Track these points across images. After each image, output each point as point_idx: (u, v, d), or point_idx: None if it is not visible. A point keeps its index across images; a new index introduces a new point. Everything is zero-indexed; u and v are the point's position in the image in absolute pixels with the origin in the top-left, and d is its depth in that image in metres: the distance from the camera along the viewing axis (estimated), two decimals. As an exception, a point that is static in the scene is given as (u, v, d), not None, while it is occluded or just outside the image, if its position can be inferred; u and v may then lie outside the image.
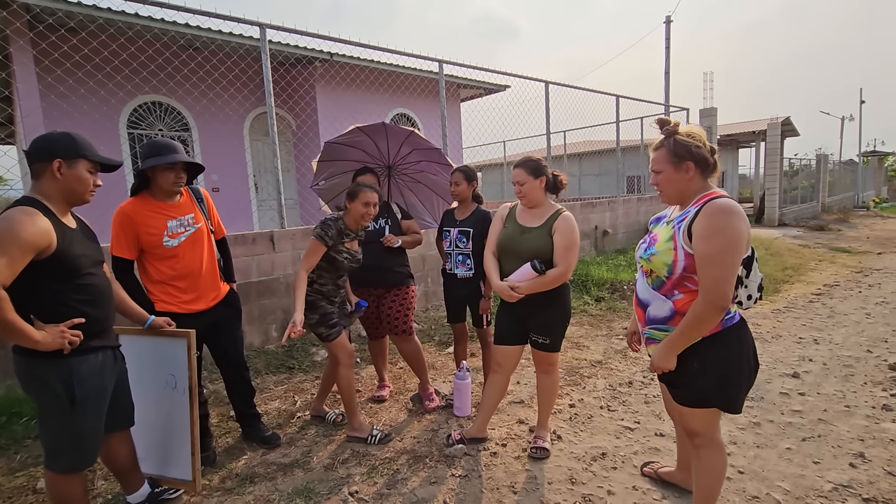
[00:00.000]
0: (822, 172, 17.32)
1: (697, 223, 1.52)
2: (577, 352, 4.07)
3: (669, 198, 1.69)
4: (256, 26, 4.03)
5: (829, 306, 5.35)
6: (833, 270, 7.39)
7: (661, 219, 1.76)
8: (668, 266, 1.58)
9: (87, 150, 1.73)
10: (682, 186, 1.63)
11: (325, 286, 2.60)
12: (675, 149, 1.61)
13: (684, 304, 1.59)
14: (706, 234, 1.49)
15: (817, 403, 3.01)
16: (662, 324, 1.65)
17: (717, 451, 1.75)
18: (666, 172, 1.63)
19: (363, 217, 2.56)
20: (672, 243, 1.57)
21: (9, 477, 2.40)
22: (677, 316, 1.61)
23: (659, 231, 1.69)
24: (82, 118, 5.74)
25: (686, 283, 1.57)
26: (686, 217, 1.57)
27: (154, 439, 2.29)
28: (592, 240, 7.76)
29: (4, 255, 1.50)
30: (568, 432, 2.74)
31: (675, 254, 1.56)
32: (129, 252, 2.21)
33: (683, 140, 1.60)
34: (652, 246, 1.65)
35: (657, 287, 1.65)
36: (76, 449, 1.72)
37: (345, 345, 2.62)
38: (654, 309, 1.67)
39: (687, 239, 1.54)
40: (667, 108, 10.07)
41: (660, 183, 1.67)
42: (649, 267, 1.64)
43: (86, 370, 1.70)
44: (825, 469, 2.33)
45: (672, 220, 1.65)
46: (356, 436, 2.67)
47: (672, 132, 1.64)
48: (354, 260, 2.65)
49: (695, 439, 1.74)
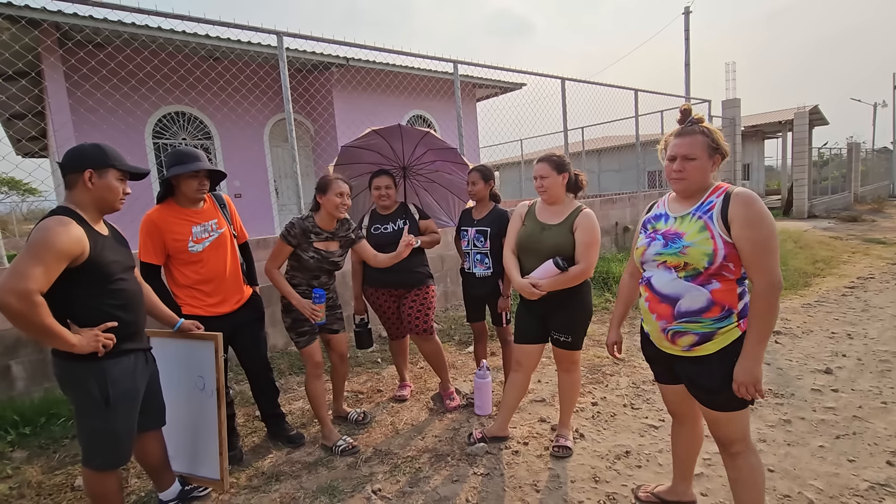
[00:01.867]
0: (853, 161, 16.71)
1: (735, 211, 1.51)
2: (598, 350, 4.02)
3: (689, 187, 1.63)
4: (274, 34, 4.11)
5: (863, 300, 5.16)
6: (867, 262, 7.12)
7: (661, 216, 1.71)
8: (708, 256, 1.53)
9: (116, 160, 1.80)
10: (706, 177, 1.62)
11: (298, 286, 2.58)
12: (711, 139, 1.60)
13: (722, 294, 1.55)
14: (751, 222, 1.49)
15: (852, 400, 2.91)
16: (697, 315, 1.58)
17: (755, 456, 1.67)
18: (701, 160, 1.59)
19: (338, 208, 2.51)
20: (708, 233, 1.54)
21: (48, 475, 2.50)
22: (715, 306, 1.55)
23: (676, 226, 1.63)
24: (110, 130, 5.95)
25: (723, 272, 1.54)
26: (713, 206, 1.56)
27: (183, 439, 2.36)
28: (613, 236, 7.66)
29: (41, 264, 1.56)
30: (591, 431, 2.71)
31: (715, 243, 1.53)
32: (157, 257, 2.29)
33: (714, 133, 1.62)
34: (679, 240, 1.59)
35: (691, 279, 1.58)
36: (111, 447, 1.79)
37: (312, 355, 2.59)
38: (687, 301, 1.58)
39: (723, 227, 1.53)
40: (688, 101, 9.86)
41: (688, 169, 1.60)
42: (682, 260, 1.58)
43: (119, 372, 1.77)
44: (861, 467, 2.25)
45: (689, 212, 1.61)
46: (324, 444, 2.65)
47: (699, 121, 1.64)
48: (326, 261, 2.58)
49: (732, 447, 1.65)
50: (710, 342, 1.58)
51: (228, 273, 2.44)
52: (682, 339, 1.62)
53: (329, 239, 2.61)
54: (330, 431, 2.65)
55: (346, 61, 7.57)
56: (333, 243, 2.63)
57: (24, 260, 1.55)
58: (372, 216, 3.05)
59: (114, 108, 5.98)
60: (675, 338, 1.64)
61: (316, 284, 2.62)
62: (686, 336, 1.60)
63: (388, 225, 2.96)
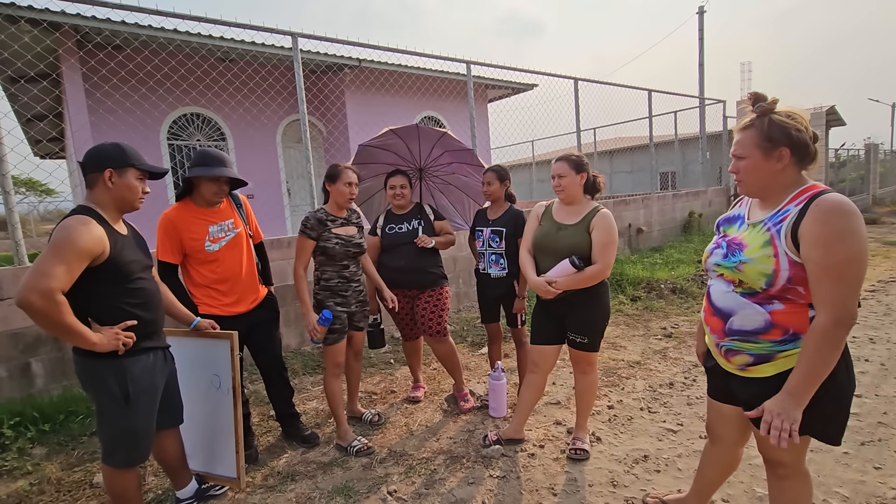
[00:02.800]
0: (872, 163, 16.38)
1: (808, 226, 1.24)
2: (613, 352, 3.97)
3: (751, 189, 1.41)
4: (289, 36, 4.13)
5: (884, 303, 5.05)
6: (888, 266, 6.97)
7: (737, 218, 1.49)
8: (767, 277, 1.31)
9: (136, 159, 1.82)
10: (769, 178, 1.35)
11: (330, 280, 2.61)
12: (769, 131, 1.32)
13: (786, 316, 1.31)
14: (824, 241, 1.21)
15: (876, 406, 2.84)
16: (753, 335, 1.37)
17: (803, 482, 1.49)
18: (752, 158, 1.35)
19: (347, 198, 2.57)
20: (771, 249, 1.30)
21: (67, 472, 2.53)
22: (775, 329, 1.33)
23: (744, 234, 1.41)
24: (128, 130, 6.03)
25: (789, 295, 1.30)
26: (786, 217, 1.30)
27: (200, 437, 2.37)
28: (626, 238, 7.59)
29: (63, 263, 1.58)
30: (607, 434, 2.68)
31: (777, 262, 1.29)
32: (174, 256, 2.30)
33: (781, 121, 1.31)
34: (739, 252, 1.37)
35: (748, 296, 1.37)
36: (131, 445, 1.80)
37: (335, 354, 2.60)
38: (740, 319, 1.38)
39: (791, 244, 1.27)
40: (702, 101, 9.75)
41: (741, 170, 1.39)
42: (737, 277, 1.37)
43: (138, 370, 1.78)
44: (887, 475, 2.19)
45: (761, 221, 1.37)
46: (339, 444, 2.64)
47: (767, 110, 1.34)
48: (350, 244, 2.59)
49: (779, 469, 1.50)
50: (768, 363, 1.37)
51: (244, 273, 2.45)
52: (736, 357, 1.43)
53: (345, 224, 2.64)
54: (345, 431, 2.65)
55: (358, 62, 7.60)
56: (351, 227, 2.66)
57: (47, 259, 1.56)
58: (387, 216, 3.05)
59: (131, 109, 6.06)
60: (729, 356, 1.45)
61: (348, 275, 2.63)
62: (741, 356, 1.42)
63: (403, 225, 2.96)
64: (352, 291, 2.67)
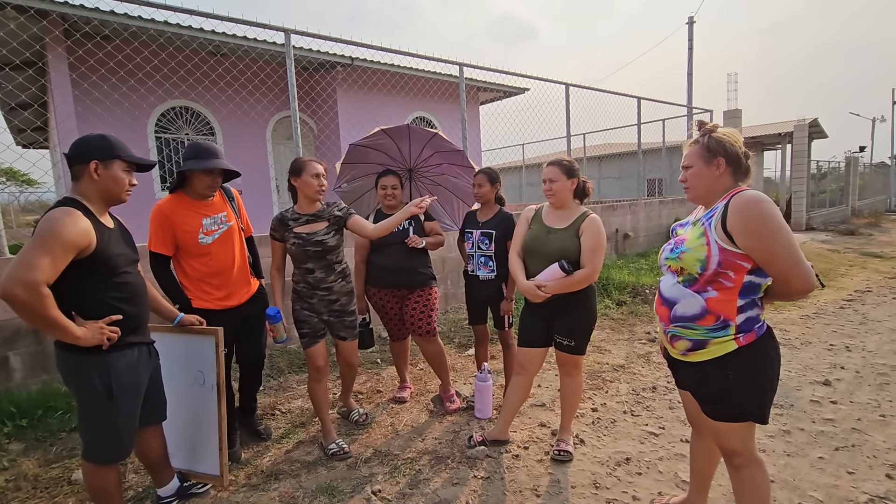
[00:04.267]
0: (851, 175, 16.81)
1: (732, 220, 1.48)
2: (598, 356, 4.02)
3: (696, 195, 1.66)
4: (282, 32, 4.11)
5: (861, 312, 5.18)
6: (864, 276, 7.15)
7: (686, 223, 1.73)
8: (701, 262, 1.53)
9: (122, 151, 1.79)
10: (710, 183, 1.60)
11: (297, 284, 2.57)
12: (708, 144, 1.60)
13: (718, 304, 1.53)
14: (750, 230, 1.44)
15: (850, 412, 2.92)
16: (691, 321, 1.58)
17: (759, 469, 1.63)
18: (696, 167, 1.62)
19: (316, 189, 2.45)
20: (704, 239, 1.54)
21: (45, 468, 2.48)
22: (709, 315, 1.54)
23: (687, 232, 1.65)
24: (114, 122, 5.94)
25: (721, 279, 1.52)
26: (715, 213, 1.55)
27: (183, 434, 2.34)
28: (613, 243, 7.68)
29: (48, 255, 1.55)
30: (591, 436, 2.71)
31: (709, 249, 1.52)
32: (166, 248, 2.28)
33: (718, 137, 1.60)
34: (681, 245, 1.61)
35: (689, 284, 1.60)
36: (113, 441, 1.78)
37: (313, 357, 2.56)
38: (682, 307, 1.60)
39: (722, 233, 1.50)
40: (690, 110, 9.91)
41: (689, 178, 1.65)
42: (679, 265, 1.61)
43: (122, 365, 1.76)
44: (860, 479, 2.25)
45: (699, 219, 1.62)
46: (323, 444, 2.62)
47: (710, 131, 1.63)
48: (309, 242, 2.44)
49: (734, 459, 1.64)
50: (702, 350, 1.58)
51: (236, 266, 2.45)
52: (678, 343, 1.64)
53: (311, 221, 2.50)
54: (328, 433, 2.63)
55: (351, 61, 7.58)
56: (317, 224, 2.50)
57: (32, 250, 1.54)
58: (377, 216, 3.05)
59: (119, 100, 5.97)
60: (673, 341, 1.67)
61: (313, 281, 2.52)
62: (681, 341, 1.63)
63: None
64: (318, 299, 2.54)
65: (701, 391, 1.64)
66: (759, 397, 1.55)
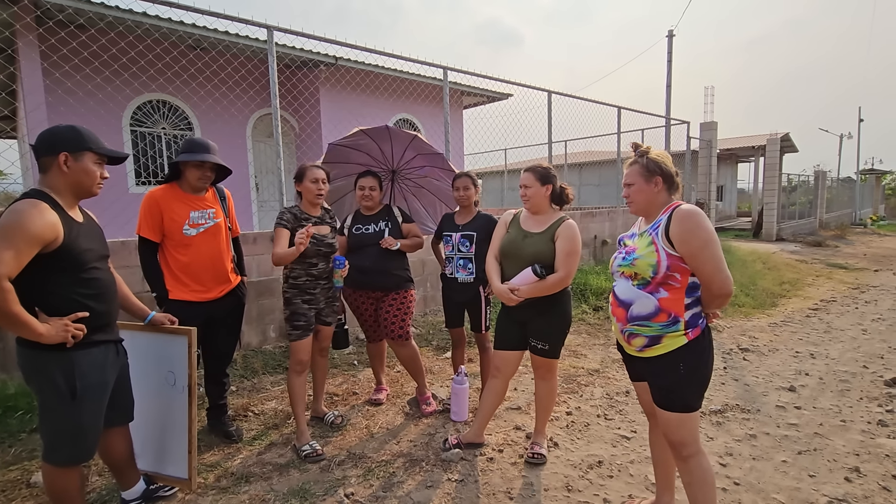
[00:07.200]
0: (820, 189, 17.44)
1: (674, 228, 1.69)
2: (574, 360, 4.07)
3: (638, 208, 1.86)
4: (265, 28, 4.06)
5: (825, 321, 5.37)
6: (830, 286, 7.42)
7: (632, 235, 1.92)
8: (652, 266, 1.72)
9: (93, 143, 1.74)
10: (650, 198, 1.82)
11: (298, 278, 2.61)
12: (647, 164, 1.81)
13: (669, 302, 1.71)
14: (685, 238, 1.66)
15: (813, 417, 3.02)
16: (646, 320, 1.75)
17: (704, 458, 1.78)
18: (638, 184, 1.83)
19: (315, 194, 2.60)
20: (653, 247, 1.73)
21: (3, 471, 2.38)
22: (662, 313, 1.71)
23: (636, 242, 1.84)
24: (87, 114, 5.76)
25: (670, 281, 1.71)
26: (659, 224, 1.75)
27: (151, 436, 2.28)
28: (591, 249, 7.79)
29: (11, 248, 1.50)
30: (564, 440, 2.74)
31: (658, 255, 1.71)
32: (154, 234, 2.36)
33: (654, 158, 1.82)
34: (632, 253, 1.80)
35: (642, 287, 1.76)
36: (75, 442, 1.72)
37: (300, 350, 2.58)
38: (637, 307, 1.76)
39: (666, 241, 1.71)
40: (668, 121, 10.13)
41: (631, 194, 1.85)
42: (633, 271, 1.78)
43: (88, 364, 1.71)
44: (821, 482, 2.33)
45: (646, 230, 1.81)
46: (296, 444, 2.60)
47: (645, 153, 1.85)
48: (322, 244, 2.60)
49: (683, 450, 1.76)
50: (658, 345, 1.74)
51: (218, 262, 2.49)
52: (635, 340, 1.80)
53: (319, 223, 2.66)
54: (302, 433, 2.60)
55: (335, 60, 7.52)
56: (324, 227, 2.68)
57: (-6, 243, 1.48)
58: (355, 216, 3.04)
59: (93, 91, 5.79)
60: (630, 339, 1.82)
61: (316, 273, 2.64)
62: (638, 338, 1.78)
63: (370, 226, 2.95)
64: (320, 289, 2.68)
65: (656, 382, 1.79)
66: (702, 387, 1.75)
